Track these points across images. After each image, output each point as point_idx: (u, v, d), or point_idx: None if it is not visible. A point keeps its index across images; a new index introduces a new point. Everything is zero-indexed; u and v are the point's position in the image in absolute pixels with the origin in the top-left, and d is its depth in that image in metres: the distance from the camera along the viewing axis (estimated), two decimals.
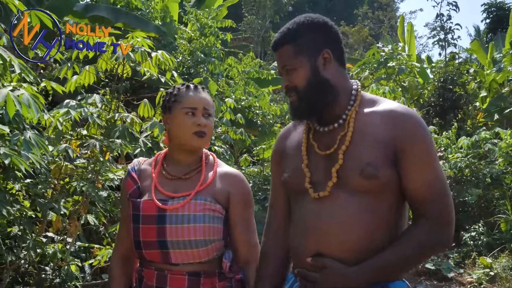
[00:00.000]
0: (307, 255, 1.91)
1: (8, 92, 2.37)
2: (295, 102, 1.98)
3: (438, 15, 11.69)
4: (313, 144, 2.01)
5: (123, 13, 8.13)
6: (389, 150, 1.87)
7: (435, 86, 11.65)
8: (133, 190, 2.19)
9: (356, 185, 1.87)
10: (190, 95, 2.20)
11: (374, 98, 2.04)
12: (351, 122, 1.95)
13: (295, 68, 1.95)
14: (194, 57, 9.40)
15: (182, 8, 12.76)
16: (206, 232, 2.09)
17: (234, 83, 10.10)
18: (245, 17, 28.06)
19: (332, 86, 1.96)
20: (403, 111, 1.92)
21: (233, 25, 10.52)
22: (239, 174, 2.28)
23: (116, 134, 3.99)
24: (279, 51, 1.98)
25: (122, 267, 2.28)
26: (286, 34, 1.97)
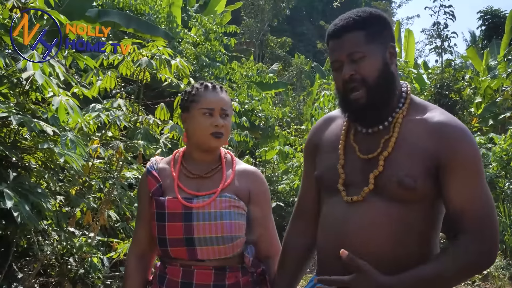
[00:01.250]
0: (332, 255, 1.85)
1: (61, 99, 2.68)
2: (363, 99, 1.81)
3: (435, 24, 12.05)
4: (353, 146, 1.91)
5: (134, 19, 8.45)
6: (431, 162, 1.77)
7: (432, 91, 12.01)
8: (156, 189, 2.19)
9: (392, 194, 1.78)
10: (208, 95, 2.19)
11: (424, 104, 1.92)
12: (397, 127, 1.85)
13: (366, 56, 1.80)
14: (199, 61, 9.73)
15: (185, 13, 13.10)
16: (232, 229, 2.11)
17: (237, 87, 10.43)
18: (243, 20, 28.36)
19: (396, 82, 1.87)
20: (452, 123, 1.80)
21: (237, 31, 10.86)
22: (257, 171, 2.30)
23: (138, 135, 4.31)
24: (345, 36, 1.82)
25: (138, 265, 2.28)
26: (356, 21, 1.83)
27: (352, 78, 1.80)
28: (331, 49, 1.87)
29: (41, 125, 2.61)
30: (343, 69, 1.82)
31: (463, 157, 1.75)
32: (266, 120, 10.14)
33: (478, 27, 18.55)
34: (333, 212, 1.90)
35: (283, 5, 30.58)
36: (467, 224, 1.73)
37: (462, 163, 1.74)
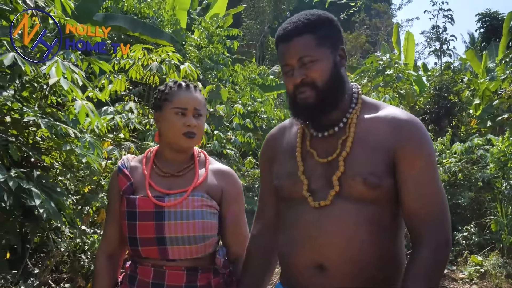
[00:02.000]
0: (304, 265, 1.84)
1: (82, 103, 2.87)
2: (311, 98, 1.81)
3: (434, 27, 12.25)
4: (311, 151, 1.91)
5: (140, 24, 8.63)
6: (389, 157, 1.79)
7: (431, 94, 12.20)
8: (127, 187, 2.15)
9: (359, 194, 1.78)
10: (181, 94, 2.15)
11: (375, 103, 1.93)
12: (352, 127, 1.85)
13: (316, 60, 1.80)
14: (203, 64, 9.91)
15: (188, 16, 13.28)
16: (204, 228, 2.08)
17: (240, 89, 10.62)
18: (244, 22, 28.55)
19: (346, 85, 1.88)
20: (406, 118, 1.84)
21: (239, 34, 11.05)
22: (230, 171, 2.27)
23: (149, 137, 4.49)
24: (295, 40, 1.81)
25: (108, 265, 2.23)
26: (306, 24, 1.82)
27: (302, 82, 1.80)
28: (280, 53, 1.86)
29: (65, 128, 2.79)
30: (293, 73, 1.82)
31: (421, 153, 1.78)
32: (269, 121, 10.31)
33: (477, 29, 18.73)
34: (301, 221, 1.86)
35: (283, 7, 30.78)
36: (425, 228, 1.76)
37: (420, 159, 1.77)
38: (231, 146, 7.36)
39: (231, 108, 7.74)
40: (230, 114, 7.70)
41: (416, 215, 1.77)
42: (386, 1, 38.16)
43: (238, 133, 7.86)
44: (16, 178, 2.59)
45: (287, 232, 1.92)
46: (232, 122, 7.96)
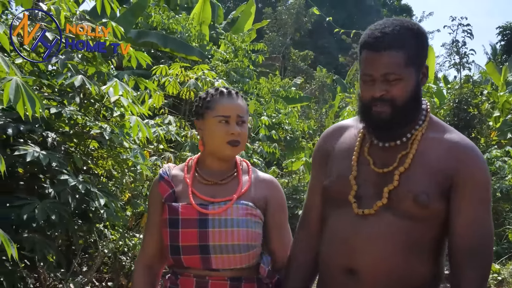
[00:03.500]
0: (336, 266, 1.85)
1: (136, 118, 3.29)
2: (386, 114, 1.78)
3: (453, 41, 12.55)
4: (368, 158, 1.88)
5: (171, 39, 9.10)
6: (445, 182, 1.78)
7: (451, 106, 12.46)
8: (169, 195, 2.10)
9: (405, 209, 1.77)
10: (223, 101, 2.09)
11: (442, 124, 1.92)
12: (415, 144, 1.83)
13: (402, 79, 1.75)
14: (230, 77, 10.33)
15: (214, 30, 13.75)
16: (248, 237, 2.04)
17: (265, 102, 11.02)
18: (266, 34, 28.97)
19: (421, 105, 1.87)
20: (469, 146, 1.83)
21: (264, 48, 11.46)
22: (274, 180, 2.23)
23: (186, 148, 4.90)
24: (385, 54, 1.75)
25: (146, 276, 2.17)
26: (396, 39, 1.76)
27: (382, 97, 1.76)
28: (366, 61, 1.79)
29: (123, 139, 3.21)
30: (374, 84, 1.78)
31: (476, 182, 1.78)
32: (293, 132, 10.69)
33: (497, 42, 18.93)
34: (341, 224, 1.87)
35: (305, 19, 31.19)
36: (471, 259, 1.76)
37: (477, 188, 1.78)
38: (257, 156, 7.75)
39: (257, 120, 8.14)
40: (256, 126, 8.09)
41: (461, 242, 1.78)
42: (408, 14, 38.42)
43: (264, 144, 8.24)
44: (83, 182, 3.00)
45: (326, 232, 1.93)
46: (258, 133, 8.36)
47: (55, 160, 2.90)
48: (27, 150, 2.82)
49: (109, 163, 3.90)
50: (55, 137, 3.36)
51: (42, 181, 3.33)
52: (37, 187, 3.24)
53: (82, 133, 3.36)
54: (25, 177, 3.27)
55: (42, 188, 3.27)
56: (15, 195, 3.10)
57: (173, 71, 5.02)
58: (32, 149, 2.85)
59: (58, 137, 3.41)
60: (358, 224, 1.82)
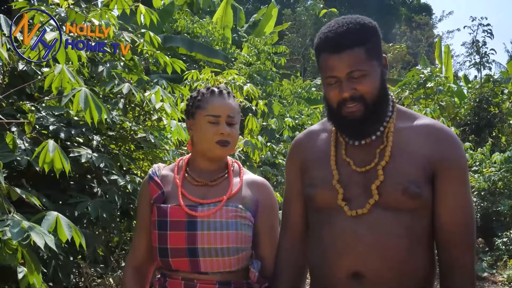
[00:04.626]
0: (340, 274, 1.82)
1: (176, 122, 3.56)
2: (359, 112, 1.77)
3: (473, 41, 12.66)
4: (347, 160, 1.87)
5: (196, 44, 9.39)
6: (429, 167, 1.79)
7: (471, 105, 12.60)
8: (158, 196, 2.08)
9: (397, 203, 1.77)
10: (214, 101, 2.07)
11: (410, 112, 1.93)
12: (390, 136, 1.83)
13: (367, 74, 1.75)
14: (253, 80, 10.58)
15: (236, 33, 14.03)
16: (238, 240, 2.01)
17: (287, 103, 11.26)
18: (286, 36, 29.21)
19: (389, 97, 1.87)
20: (443, 128, 1.85)
21: (286, 51, 11.70)
22: (265, 182, 2.19)
23: None
24: (346, 53, 1.74)
25: (135, 278, 2.16)
26: (355, 36, 1.76)
27: (352, 96, 1.75)
28: (326, 64, 1.78)
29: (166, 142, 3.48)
30: (340, 85, 1.76)
31: (458, 163, 1.81)
32: None
33: None
34: (336, 229, 1.83)
35: (324, 20, 31.37)
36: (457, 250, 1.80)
37: (458, 169, 1.81)
38: (282, 157, 7.99)
39: (282, 122, 8.38)
40: (281, 127, 8.34)
41: (448, 230, 1.81)
42: (427, 13, 38.37)
43: (288, 145, 8.47)
44: (131, 182, 3.27)
45: (320, 242, 1.88)
46: (282, 134, 8.60)
47: (106, 162, 3.16)
48: (81, 152, 3.08)
49: (145, 163, 4.16)
50: (99, 140, 3.63)
51: (89, 180, 3.60)
52: (88, 187, 3.51)
53: (126, 136, 3.63)
54: (75, 177, 3.54)
55: (91, 188, 3.54)
56: (67, 193, 3.37)
57: (204, 76, 5.26)
58: (85, 151, 3.12)
59: (102, 140, 3.68)
60: (355, 226, 1.79)
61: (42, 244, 1.99)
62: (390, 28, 34.03)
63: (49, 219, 2.18)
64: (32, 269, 2.18)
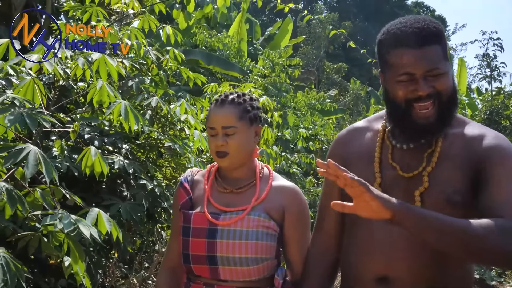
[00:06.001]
0: (370, 276, 1.80)
1: (199, 132, 3.91)
2: (432, 118, 1.71)
3: (484, 55, 12.92)
4: (393, 165, 1.81)
5: (214, 57, 9.76)
6: (473, 171, 1.72)
7: (482, 118, 12.83)
8: (185, 201, 2.12)
9: (439, 211, 1.66)
10: (211, 113, 2.07)
11: (462, 118, 1.87)
12: (439, 141, 1.77)
13: (444, 73, 1.70)
14: (268, 91, 10.92)
15: (252, 46, 14.41)
16: (258, 250, 1.99)
17: (302, 114, 11.57)
18: (300, 48, 29.53)
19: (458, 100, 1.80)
20: (491, 132, 1.79)
21: (300, 63, 12.04)
22: (294, 188, 2.14)
23: None
24: (426, 49, 1.68)
25: (169, 280, 2.20)
26: (435, 33, 1.70)
27: (429, 94, 1.69)
28: (402, 59, 1.70)
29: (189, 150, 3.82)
30: (416, 83, 1.70)
31: (503, 156, 1.71)
32: (328, 143, 11.20)
33: None
34: (372, 232, 1.81)
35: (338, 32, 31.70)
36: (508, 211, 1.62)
37: (502, 161, 1.70)
38: (296, 166, 8.31)
39: (296, 132, 8.71)
40: (295, 138, 8.67)
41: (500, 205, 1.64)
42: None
43: (302, 155, 8.78)
44: (158, 186, 3.61)
45: (354, 242, 1.88)
46: (296, 144, 8.93)
47: (136, 168, 3.51)
48: (114, 159, 3.43)
49: (167, 170, 4.51)
50: (127, 148, 3.98)
51: (119, 185, 3.95)
52: (118, 191, 3.85)
53: (153, 145, 3.98)
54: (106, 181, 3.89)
55: (120, 191, 3.89)
56: (100, 196, 3.72)
57: (222, 88, 5.61)
58: (117, 158, 3.46)
59: (130, 148, 4.04)
60: (391, 231, 1.75)
61: (88, 235, 2.33)
62: None
63: (92, 214, 2.53)
64: (76, 258, 2.51)
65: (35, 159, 2.22)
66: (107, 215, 2.59)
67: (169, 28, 3.87)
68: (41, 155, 2.26)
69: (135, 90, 3.86)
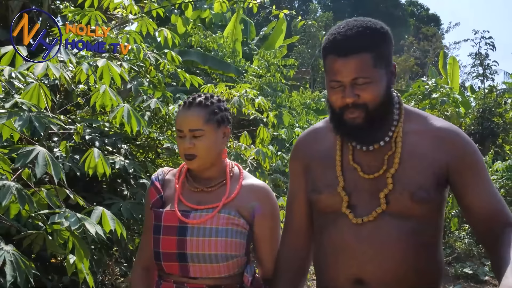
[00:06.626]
0: (343, 279, 1.80)
1: None
2: (360, 119, 1.72)
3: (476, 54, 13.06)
4: (354, 166, 1.81)
5: (210, 58, 9.87)
6: (440, 170, 1.74)
7: (475, 115, 12.98)
8: (156, 200, 2.14)
9: (405, 209, 1.73)
10: (179, 115, 2.10)
11: (418, 113, 1.87)
12: (399, 141, 1.78)
13: (372, 82, 1.69)
14: (263, 91, 11.03)
15: (247, 46, 14.51)
16: (227, 247, 2.02)
17: (297, 114, 11.69)
18: (295, 47, 29.63)
19: (393, 104, 1.80)
20: (451, 128, 1.80)
21: (295, 63, 12.15)
22: (265, 187, 2.16)
23: (231, 157, 5.58)
24: (352, 58, 1.67)
25: (143, 278, 2.22)
26: (364, 40, 1.69)
27: (354, 103, 1.70)
28: (332, 67, 1.71)
29: None
30: (344, 90, 1.71)
31: (472, 159, 1.75)
32: None
33: None
34: (342, 235, 1.80)
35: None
36: (504, 216, 1.72)
37: (473, 165, 1.75)
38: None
39: (292, 132, 8.83)
40: (290, 137, 8.78)
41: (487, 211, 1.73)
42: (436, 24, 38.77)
43: None
44: None
45: (324, 246, 1.87)
46: (292, 144, 9.04)
47: (136, 167, 3.61)
48: (115, 159, 3.53)
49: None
50: (127, 148, 4.08)
51: (119, 184, 4.05)
52: (119, 190, 3.95)
53: (153, 145, 4.08)
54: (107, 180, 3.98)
55: (121, 191, 3.99)
56: (101, 195, 3.82)
57: (219, 89, 5.72)
58: (118, 158, 3.56)
59: (129, 148, 4.14)
60: (360, 233, 1.76)
61: (94, 232, 2.44)
62: (399, 40, 34.45)
63: (96, 213, 2.63)
64: (81, 255, 2.61)
65: (44, 160, 2.32)
66: (111, 214, 2.68)
67: (167, 32, 3.97)
68: (49, 156, 2.36)
69: (134, 92, 3.96)
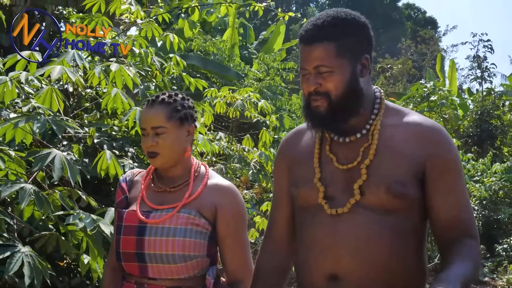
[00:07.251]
0: (317, 274, 1.77)
1: (203, 136, 4.09)
2: (322, 108, 1.73)
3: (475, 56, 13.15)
4: (331, 157, 1.80)
5: (210, 62, 9.96)
6: (418, 167, 1.72)
7: (473, 118, 13.08)
8: (121, 200, 2.14)
9: (381, 202, 1.70)
10: (143, 113, 2.11)
11: (398, 108, 1.86)
12: (376, 134, 1.76)
13: (333, 71, 1.70)
14: (263, 95, 11.12)
15: (246, 50, 14.60)
16: (186, 247, 1.99)
17: (296, 117, 11.77)
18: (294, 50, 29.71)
19: (364, 96, 1.77)
20: (432, 125, 1.78)
21: (294, 67, 12.24)
22: (230, 186, 2.14)
23: (234, 160, 5.66)
24: (315, 46, 1.71)
25: (112, 277, 2.20)
26: (328, 30, 1.71)
27: (316, 91, 1.72)
28: (301, 55, 1.76)
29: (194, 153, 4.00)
30: (309, 78, 1.74)
31: (449, 162, 1.74)
32: None
33: None
34: (317, 228, 1.78)
35: None
36: (466, 227, 1.71)
37: (451, 167, 1.74)
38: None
39: None
40: None
41: (452, 219, 1.71)
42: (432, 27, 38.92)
43: None
44: None
45: (302, 242, 1.85)
46: None
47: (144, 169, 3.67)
48: (124, 162, 3.60)
49: None
50: (134, 152, 4.15)
51: None
52: None
53: None
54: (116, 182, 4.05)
55: None
56: (109, 197, 3.88)
57: (222, 93, 5.80)
58: (127, 161, 3.63)
59: (136, 152, 4.20)
60: (334, 226, 1.73)
61: (108, 233, 2.50)
62: (396, 42, 34.58)
63: (110, 214, 2.70)
64: (95, 255, 2.68)
65: (61, 163, 2.38)
66: None
67: (174, 36, 4.04)
68: (65, 160, 2.43)
69: (141, 96, 4.03)
